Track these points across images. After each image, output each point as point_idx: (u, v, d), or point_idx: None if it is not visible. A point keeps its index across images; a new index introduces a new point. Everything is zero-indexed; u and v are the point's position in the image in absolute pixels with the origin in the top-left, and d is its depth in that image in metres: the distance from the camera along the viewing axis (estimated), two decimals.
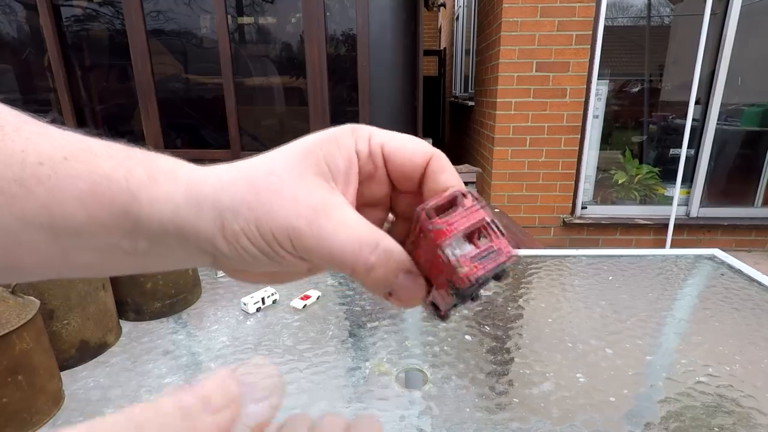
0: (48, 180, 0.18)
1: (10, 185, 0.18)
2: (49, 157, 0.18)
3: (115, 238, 0.20)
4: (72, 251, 0.20)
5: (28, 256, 0.19)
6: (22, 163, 0.18)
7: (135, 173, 0.19)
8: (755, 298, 0.86)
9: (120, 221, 0.19)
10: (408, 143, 0.21)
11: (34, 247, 0.19)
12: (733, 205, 3.10)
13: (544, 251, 1.10)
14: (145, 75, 3.22)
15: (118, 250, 0.20)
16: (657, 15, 3.32)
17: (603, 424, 0.55)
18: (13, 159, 0.18)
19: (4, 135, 0.18)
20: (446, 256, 0.16)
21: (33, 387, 0.52)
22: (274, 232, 0.18)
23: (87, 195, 0.19)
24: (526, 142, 2.95)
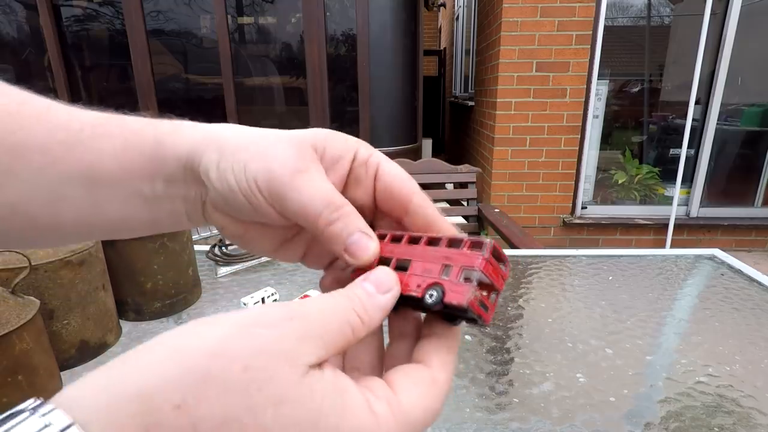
0: (88, 141, 0.22)
1: (55, 147, 0.21)
2: (89, 123, 0.22)
3: (139, 183, 0.23)
4: (103, 203, 0.23)
5: (67, 211, 0.23)
6: (66, 130, 0.22)
7: (161, 127, 0.23)
8: (755, 298, 0.86)
9: (145, 167, 0.23)
10: (399, 171, 0.24)
11: (72, 201, 0.22)
12: (733, 205, 3.10)
13: (544, 251, 1.10)
14: (145, 75, 3.23)
15: (139, 198, 0.23)
16: (657, 15, 3.32)
17: (603, 424, 0.55)
18: (58, 127, 0.22)
19: (50, 110, 0.22)
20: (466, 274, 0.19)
21: (33, 387, 0.52)
22: (258, 174, 0.21)
23: (120, 150, 0.22)
24: (526, 142, 2.95)
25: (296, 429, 0.15)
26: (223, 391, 0.14)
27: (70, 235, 0.24)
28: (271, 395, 0.15)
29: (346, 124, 3.31)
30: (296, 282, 0.92)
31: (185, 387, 0.14)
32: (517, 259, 1.06)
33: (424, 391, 0.19)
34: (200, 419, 0.14)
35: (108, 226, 0.24)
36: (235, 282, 0.92)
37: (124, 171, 0.22)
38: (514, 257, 1.07)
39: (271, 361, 0.15)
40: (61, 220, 0.23)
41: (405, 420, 0.18)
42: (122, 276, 0.75)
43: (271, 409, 0.15)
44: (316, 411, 0.15)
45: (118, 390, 0.14)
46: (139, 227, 0.25)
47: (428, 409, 0.19)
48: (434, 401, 0.19)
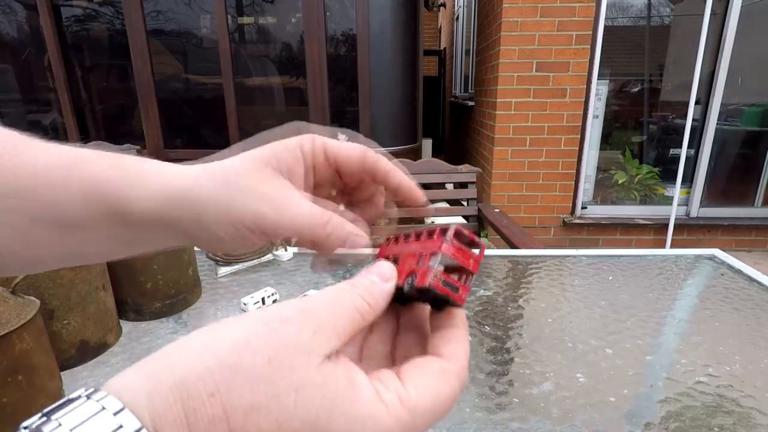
0: (52, 187, 0.22)
1: (17, 194, 0.22)
2: (53, 166, 0.23)
3: (109, 229, 0.24)
4: (77, 243, 0.24)
5: (42, 249, 0.23)
6: (32, 173, 0.22)
7: (124, 173, 0.23)
8: (755, 298, 0.86)
9: (113, 217, 0.23)
10: (345, 143, 0.26)
11: (46, 242, 0.23)
12: (733, 205, 3.10)
13: (544, 251, 1.10)
14: (145, 75, 3.22)
15: (111, 239, 0.24)
16: (657, 15, 3.32)
17: (603, 424, 0.55)
18: (23, 169, 0.22)
19: (16, 151, 0.22)
20: (436, 260, 0.20)
21: (33, 387, 0.52)
22: (244, 218, 0.23)
23: (86, 195, 0.23)
24: (526, 142, 2.95)
25: (315, 411, 0.16)
26: (250, 381, 0.16)
27: (47, 266, 0.25)
28: (292, 383, 0.16)
29: (346, 124, 3.31)
30: (296, 282, 0.92)
31: (218, 378, 0.16)
32: (517, 259, 1.06)
33: (433, 380, 0.19)
34: (231, 406, 0.15)
35: (87, 258, 0.26)
36: (235, 282, 0.92)
37: (91, 218, 0.23)
38: (514, 257, 1.07)
39: (291, 353, 0.17)
40: (37, 255, 0.24)
41: (414, 409, 0.18)
42: (122, 276, 0.75)
43: (293, 395, 0.16)
44: (331, 396, 0.17)
45: (160, 380, 0.16)
46: (119, 256, 0.26)
47: (439, 397, 0.19)
48: (445, 390, 0.19)
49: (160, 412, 0.15)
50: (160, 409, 0.15)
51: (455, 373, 0.20)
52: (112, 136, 3.41)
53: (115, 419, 0.14)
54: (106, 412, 0.14)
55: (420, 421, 0.18)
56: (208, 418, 0.15)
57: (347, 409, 0.17)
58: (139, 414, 0.14)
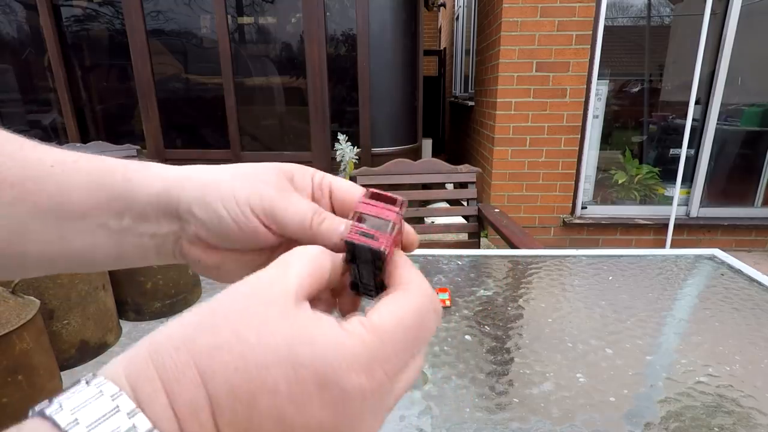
0: (58, 176, 0.23)
1: (24, 182, 0.23)
2: (60, 161, 0.24)
3: (106, 217, 0.24)
4: (69, 235, 0.24)
5: (33, 242, 0.24)
6: (37, 167, 0.23)
7: (130, 165, 0.25)
8: (755, 298, 0.86)
9: (113, 202, 0.24)
10: (346, 184, 0.27)
11: (39, 233, 0.23)
12: (733, 205, 3.10)
13: (544, 251, 1.10)
14: (145, 75, 3.22)
15: (105, 230, 0.24)
16: (657, 15, 3.32)
17: (603, 424, 0.55)
18: (29, 163, 0.23)
19: (24, 149, 0.23)
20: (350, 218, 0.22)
21: (33, 387, 0.52)
22: (251, 199, 0.23)
23: (88, 185, 0.24)
24: (526, 142, 2.95)
25: (276, 342, 0.17)
26: (212, 328, 0.17)
27: (32, 265, 0.25)
28: (254, 322, 0.17)
29: (346, 124, 3.31)
30: None
31: (183, 332, 0.17)
32: (517, 259, 1.06)
33: (394, 302, 0.20)
34: (197, 352, 0.16)
35: (72, 258, 0.25)
36: None
37: (92, 206, 0.24)
38: (514, 257, 1.07)
39: (253, 303, 0.18)
40: (26, 250, 0.24)
41: (378, 329, 0.18)
42: (122, 276, 0.75)
43: (255, 331, 0.17)
44: (293, 328, 0.17)
45: (137, 350, 0.17)
46: (103, 260, 0.26)
47: (403, 316, 0.19)
48: (409, 307, 0.19)
49: (135, 374, 0.16)
50: (135, 371, 0.16)
51: (415, 291, 0.20)
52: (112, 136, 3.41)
53: (97, 389, 0.15)
54: (92, 387, 0.16)
55: (390, 340, 0.18)
56: (176, 366, 0.16)
57: (310, 338, 0.17)
58: (119, 382, 0.16)
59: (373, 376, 0.17)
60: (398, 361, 0.18)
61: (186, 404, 0.16)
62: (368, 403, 0.17)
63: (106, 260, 0.26)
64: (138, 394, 0.16)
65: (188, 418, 0.16)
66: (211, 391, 0.16)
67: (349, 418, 0.17)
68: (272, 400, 0.16)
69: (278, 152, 3.38)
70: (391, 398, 0.19)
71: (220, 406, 0.16)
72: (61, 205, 0.23)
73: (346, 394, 0.16)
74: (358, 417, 0.17)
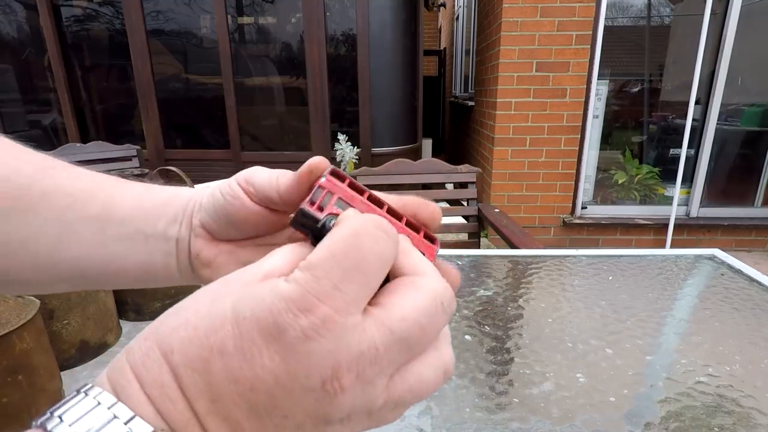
0: (110, 188, 0.26)
1: (77, 192, 0.25)
2: (112, 177, 0.27)
3: (145, 222, 0.26)
4: (107, 239, 0.26)
5: (71, 247, 0.25)
6: (91, 180, 0.26)
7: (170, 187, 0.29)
8: (755, 298, 0.86)
9: (156, 208, 0.27)
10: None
11: (80, 237, 0.25)
12: (733, 205, 3.10)
13: (544, 251, 1.10)
14: (145, 75, 3.23)
15: (141, 235, 0.26)
16: (657, 15, 3.32)
17: (603, 424, 0.55)
18: (83, 177, 0.26)
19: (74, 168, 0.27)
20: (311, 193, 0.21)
21: (33, 387, 0.52)
22: (238, 176, 0.26)
23: (140, 194, 0.27)
24: (526, 142, 2.95)
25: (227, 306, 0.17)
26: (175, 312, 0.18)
27: (64, 275, 0.26)
28: (212, 297, 0.18)
29: (346, 124, 3.31)
30: None
31: (152, 325, 0.18)
32: (517, 259, 1.06)
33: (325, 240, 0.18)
34: (160, 336, 0.17)
35: (103, 265, 0.27)
36: None
37: (138, 210, 0.26)
38: (514, 257, 1.07)
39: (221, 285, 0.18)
40: (62, 257, 0.25)
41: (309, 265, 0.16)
42: None
43: (209, 302, 0.17)
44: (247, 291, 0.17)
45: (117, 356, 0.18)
46: (132, 269, 0.27)
47: (331, 245, 0.17)
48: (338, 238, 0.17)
49: (111, 371, 0.17)
50: (112, 368, 0.17)
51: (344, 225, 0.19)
52: (112, 136, 3.41)
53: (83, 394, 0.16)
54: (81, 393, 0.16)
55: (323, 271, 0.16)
56: (142, 352, 0.17)
57: (252, 294, 0.16)
58: (101, 383, 0.17)
59: (313, 311, 0.15)
60: (343, 292, 0.16)
61: (154, 385, 0.16)
62: (315, 344, 0.15)
63: (135, 270, 0.27)
64: (116, 387, 0.16)
65: (159, 398, 0.16)
66: (173, 366, 0.16)
67: (299, 363, 0.15)
68: (223, 362, 0.16)
69: (278, 152, 3.38)
70: (354, 334, 0.16)
71: (182, 379, 0.16)
72: (110, 211, 0.26)
73: (287, 336, 0.15)
74: (309, 361, 0.16)
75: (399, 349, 0.17)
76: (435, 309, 0.18)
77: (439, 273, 0.20)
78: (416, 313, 0.17)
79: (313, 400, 0.16)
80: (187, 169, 1.02)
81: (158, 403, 0.16)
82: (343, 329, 0.16)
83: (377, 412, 0.18)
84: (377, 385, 0.17)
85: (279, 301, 0.16)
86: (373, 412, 0.17)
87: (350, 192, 0.22)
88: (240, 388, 0.16)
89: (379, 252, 0.17)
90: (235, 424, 0.16)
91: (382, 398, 0.17)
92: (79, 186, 0.25)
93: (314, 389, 0.16)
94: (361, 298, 0.17)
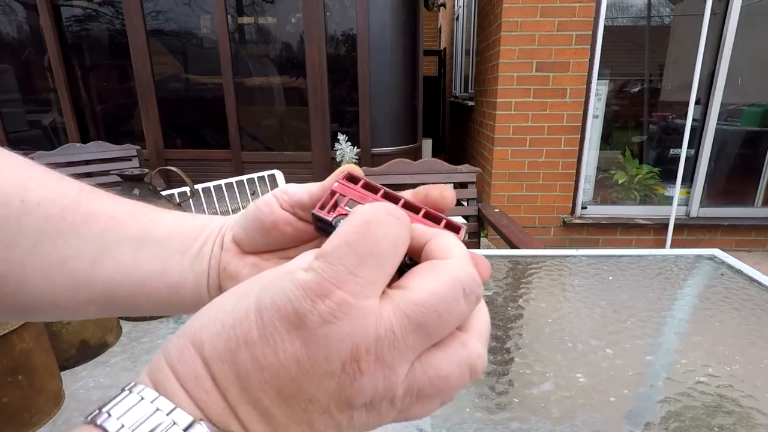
0: (152, 213, 0.28)
1: (120, 215, 0.26)
2: (150, 205, 0.28)
3: (180, 243, 0.27)
4: (143, 259, 0.26)
5: (106, 266, 0.26)
6: (133, 204, 0.27)
7: None
8: (755, 298, 0.86)
9: (194, 231, 0.28)
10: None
11: (117, 256, 0.26)
12: (733, 205, 3.10)
13: (544, 251, 1.10)
14: (145, 75, 3.23)
15: (177, 255, 0.27)
16: (657, 15, 3.32)
17: (603, 424, 0.55)
18: (126, 202, 0.27)
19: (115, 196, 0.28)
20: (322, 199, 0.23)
21: (33, 387, 0.52)
22: (275, 192, 0.27)
23: (182, 217, 0.28)
24: (526, 142, 2.95)
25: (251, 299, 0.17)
26: (206, 310, 0.19)
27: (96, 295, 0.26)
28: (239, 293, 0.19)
29: (346, 124, 3.31)
30: None
31: (185, 326, 0.19)
32: (517, 259, 1.06)
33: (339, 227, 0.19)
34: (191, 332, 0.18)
35: (136, 286, 0.27)
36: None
37: (177, 231, 0.28)
38: (514, 257, 1.07)
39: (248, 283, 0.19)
40: (97, 276, 0.26)
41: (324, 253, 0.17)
42: None
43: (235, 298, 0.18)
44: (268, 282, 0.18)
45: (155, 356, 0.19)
46: (164, 290, 0.27)
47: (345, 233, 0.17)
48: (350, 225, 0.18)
49: (151, 369, 0.18)
50: (151, 368, 0.18)
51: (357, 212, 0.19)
52: (112, 136, 3.41)
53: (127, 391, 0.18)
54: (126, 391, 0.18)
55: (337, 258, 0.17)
56: (177, 349, 0.18)
57: (274, 285, 0.17)
58: (144, 381, 0.18)
59: (329, 296, 0.16)
60: (358, 277, 0.16)
61: (190, 378, 0.17)
62: (332, 327, 0.16)
63: (167, 291, 0.27)
64: (156, 384, 0.18)
65: (195, 390, 0.17)
66: (205, 359, 0.17)
67: (320, 347, 0.16)
68: (249, 351, 0.16)
69: (278, 152, 3.38)
70: (371, 317, 0.16)
71: (213, 371, 0.17)
72: (148, 234, 0.27)
73: (305, 320, 0.16)
74: (328, 345, 0.16)
75: (416, 335, 0.17)
76: (454, 294, 0.17)
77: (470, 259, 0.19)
78: (433, 299, 0.17)
79: (335, 383, 0.16)
80: (187, 169, 1.02)
81: (194, 395, 0.17)
82: (359, 312, 0.16)
83: (401, 401, 0.17)
84: (398, 371, 0.17)
85: (297, 288, 0.16)
86: (396, 401, 0.17)
87: (363, 192, 0.23)
88: (266, 374, 0.16)
89: (390, 236, 0.18)
90: (265, 410, 0.17)
91: (403, 386, 0.17)
92: (121, 210, 0.27)
93: (335, 372, 0.16)
94: (378, 282, 0.17)
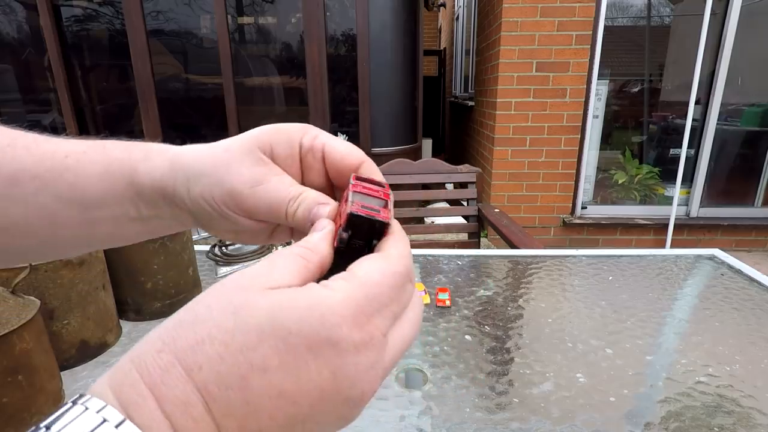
0: (73, 167, 0.25)
1: (44, 174, 0.24)
2: (73, 151, 0.25)
3: (125, 206, 0.26)
4: (95, 222, 0.26)
5: (64, 229, 0.25)
6: (52, 158, 0.25)
7: (134, 154, 0.26)
8: (755, 298, 0.86)
9: (126, 190, 0.25)
10: (344, 146, 0.25)
11: (67, 220, 0.25)
12: (733, 205, 3.10)
13: (544, 251, 1.10)
14: (145, 75, 3.22)
15: (126, 217, 0.26)
16: (657, 15, 3.32)
17: (603, 424, 0.55)
18: (45, 156, 0.25)
19: (38, 142, 0.25)
20: (350, 197, 0.22)
21: (33, 387, 0.52)
22: (223, 195, 0.24)
23: (103, 173, 0.25)
24: (526, 142, 2.95)
25: (256, 321, 0.16)
26: (192, 325, 0.17)
27: (68, 247, 0.27)
28: (230, 310, 0.17)
29: (346, 124, 3.31)
30: None
31: (164, 335, 0.17)
32: (517, 259, 1.06)
33: (375, 261, 0.20)
34: (180, 350, 0.16)
35: (103, 240, 0.27)
36: None
37: (109, 194, 0.25)
38: (514, 257, 1.07)
39: (230, 293, 0.18)
40: (59, 235, 0.26)
41: (363, 282, 0.18)
42: (122, 276, 0.75)
43: (232, 317, 0.16)
44: (272, 304, 0.17)
45: (120, 363, 0.17)
46: (135, 238, 0.28)
47: (384, 269, 0.19)
48: (389, 264, 0.20)
49: (118, 384, 0.16)
50: (118, 381, 0.16)
51: (396, 255, 0.20)
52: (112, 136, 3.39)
53: (83, 406, 0.15)
54: (78, 405, 0.15)
55: (376, 292, 0.18)
56: (160, 368, 0.16)
57: (291, 303, 0.17)
58: (104, 395, 0.15)
59: (363, 328, 0.17)
60: (388, 314, 0.18)
61: (176, 403, 0.15)
62: (363, 357, 0.17)
63: (138, 238, 0.28)
64: (124, 403, 0.15)
65: (180, 417, 0.15)
66: (200, 384, 0.16)
67: (347, 377, 0.17)
68: (265, 378, 0.16)
69: None
70: (386, 356, 0.18)
71: (212, 397, 0.16)
72: (83, 194, 0.25)
73: (339, 349, 0.16)
74: (356, 374, 0.17)
75: None
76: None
77: None
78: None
79: (348, 408, 0.17)
80: None
81: (177, 422, 0.15)
82: (383, 347, 0.18)
83: None
84: None
85: (330, 315, 0.16)
86: None
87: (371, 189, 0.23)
88: (282, 401, 0.16)
89: (408, 294, 0.20)
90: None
91: None
92: (43, 166, 0.25)
93: (353, 398, 0.17)
94: (391, 324, 0.19)
